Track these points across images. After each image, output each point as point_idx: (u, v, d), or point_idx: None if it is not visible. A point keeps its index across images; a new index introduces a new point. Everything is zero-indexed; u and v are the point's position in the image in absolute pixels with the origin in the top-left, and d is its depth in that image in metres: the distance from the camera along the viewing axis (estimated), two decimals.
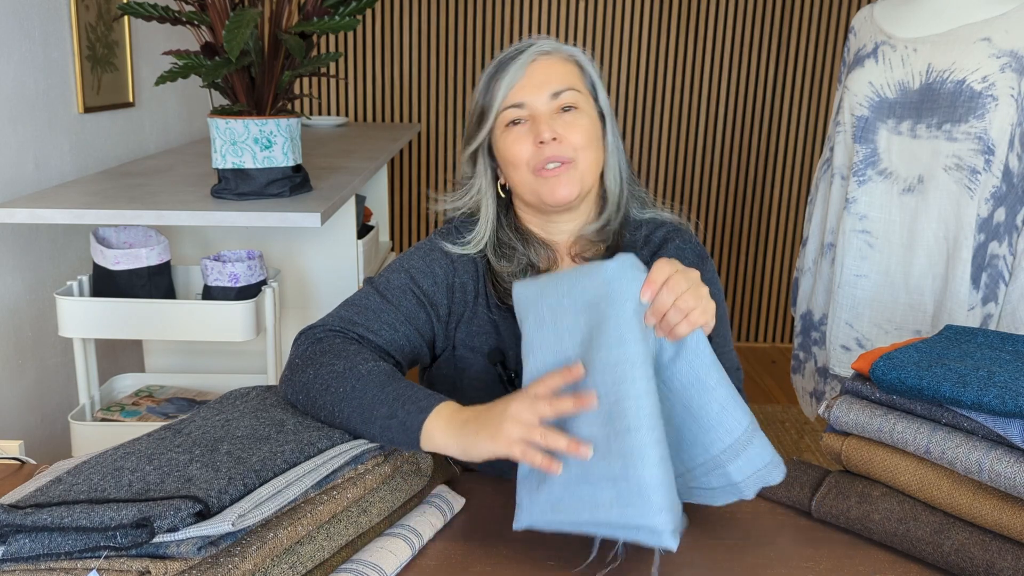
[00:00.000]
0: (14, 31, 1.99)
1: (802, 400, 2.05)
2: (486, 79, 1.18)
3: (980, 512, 0.91)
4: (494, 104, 1.17)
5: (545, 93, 1.15)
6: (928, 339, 1.07)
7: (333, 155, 2.67)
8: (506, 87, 1.15)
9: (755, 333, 4.23)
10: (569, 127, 1.15)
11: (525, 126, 1.16)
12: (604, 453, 0.86)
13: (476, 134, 1.20)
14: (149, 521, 0.74)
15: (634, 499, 0.84)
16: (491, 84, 1.17)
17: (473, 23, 3.86)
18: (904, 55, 1.66)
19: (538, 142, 1.14)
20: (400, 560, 0.92)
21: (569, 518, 0.88)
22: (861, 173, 1.71)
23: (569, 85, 1.16)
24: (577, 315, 0.91)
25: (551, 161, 1.15)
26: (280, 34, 1.83)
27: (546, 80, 1.16)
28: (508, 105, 1.16)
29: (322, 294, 2.24)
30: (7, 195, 1.96)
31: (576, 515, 0.87)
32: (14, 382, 2.02)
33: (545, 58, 1.17)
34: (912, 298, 1.69)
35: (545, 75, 1.16)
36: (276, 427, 0.95)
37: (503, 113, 1.16)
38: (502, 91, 1.15)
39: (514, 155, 1.16)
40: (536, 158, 1.15)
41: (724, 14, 3.84)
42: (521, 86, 1.15)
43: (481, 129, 1.19)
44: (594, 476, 0.86)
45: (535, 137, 1.14)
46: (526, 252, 1.21)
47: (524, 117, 1.16)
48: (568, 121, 1.16)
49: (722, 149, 4.00)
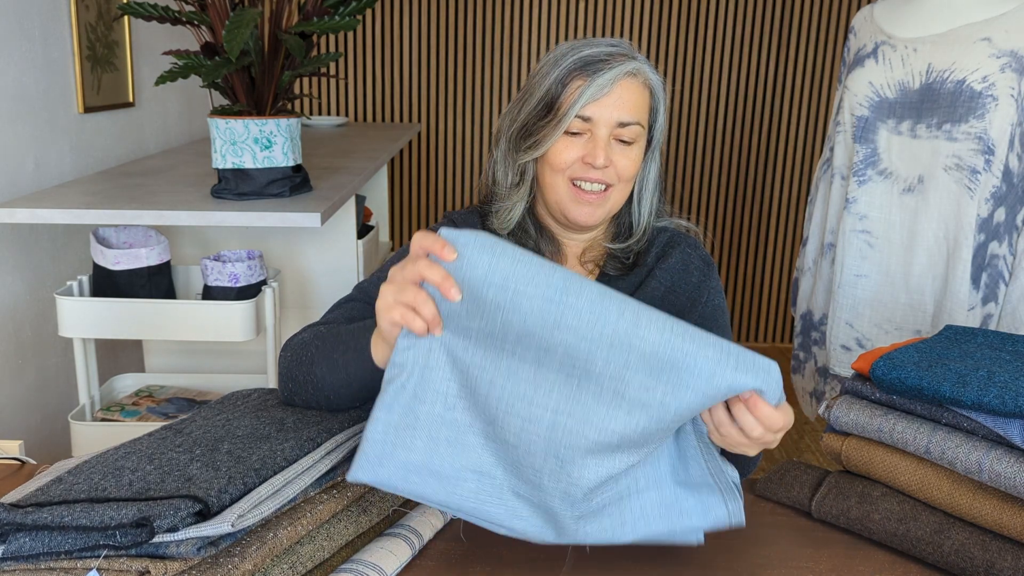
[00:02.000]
0: (14, 31, 1.99)
1: (802, 400, 2.05)
2: (565, 71, 1.13)
3: (980, 512, 0.91)
4: (567, 107, 1.12)
5: (615, 119, 1.12)
6: (928, 339, 1.07)
7: (333, 155, 2.67)
8: (588, 98, 1.11)
9: (755, 333, 4.23)
10: (620, 156, 1.14)
11: (581, 138, 1.13)
12: (481, 449, 0.87)
13: (539, 126, 1.14)
14: (149, 520, 0.74)
15: (495, 500, 0.87)
16: (571, 81, 1.12)
17: (473, 23, 3.86)
18: (904, 55, 1.66)
19: (586, 161, 1.13)
20: (400, 560, 0.92)
21: (418, 490, 0.87)
22: (861, 173, 1.71)
23: (637, 119, 1.14)
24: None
25: (591, 181, 1.14)
26: (280, 34, 1.83)
27: (621, 106, 1.12)
28: (579, 115, 1.12)
29: (322, 294, 2.24)
30: (7, 195, 1.96)
31: (427, 490, 0.87)
32: (14, 382, 2.02)
33: (631, 81, 1.13)
34: (912, 298, 1.69)
35: (622, 100, 1.12)
36: (276, 426, 0.96)
37: (574, 121, 1.13)
38: (582, 100, 1.11)
39: (560, 160, 1.14)
40: (578, 171, 1.14)
41: (724, 14, 3.84)
42: (599, 103, 1.12)
43: (547, 123, 1.14)
44: (464, 463, 0.87)
45: (586, 156, 1.13)
46: (537, 240, 1.21)
47: (584, 131, 1.13)
48: (620, 151, 1.14)
49: (722, 149, 4.00)
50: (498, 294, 0.82)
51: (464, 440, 0.87)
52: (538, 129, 1.15)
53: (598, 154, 1.12)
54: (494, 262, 0.82)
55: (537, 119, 1.15)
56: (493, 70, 3.91)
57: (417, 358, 0.86)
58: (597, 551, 0.96)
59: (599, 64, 1.12)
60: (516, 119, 1.18)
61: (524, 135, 1.16)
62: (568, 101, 1.12)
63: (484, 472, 0.87)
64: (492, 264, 0.82)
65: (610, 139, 1.13)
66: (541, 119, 1.14)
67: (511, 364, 0.84)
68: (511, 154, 1.19)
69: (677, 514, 0.90)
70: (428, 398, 0.87)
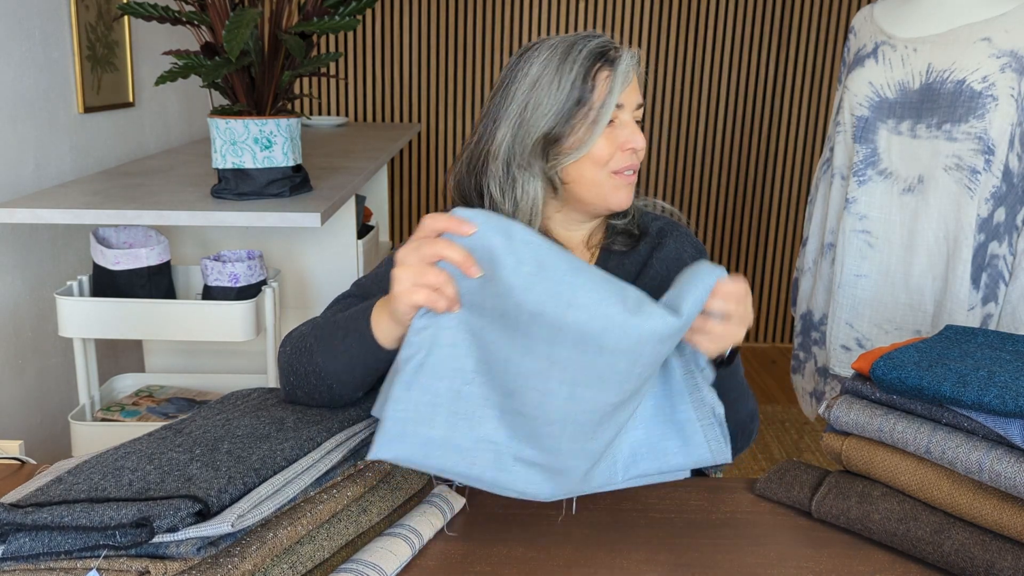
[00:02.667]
0: (14, 31, 1.99)
1: (802, 400, 2.05)
2: (584, 68, 1.10)
3: (980, 512, 0.91)
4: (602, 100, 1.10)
5: (636, 102, 1.15)
6: (928, 339, 1.07)
7: (333, 155, 2.67)
8: (620, 85, 1.11)
9: (755, 333, 4.23)
10: (641, 136, 1.16)
11: (612, 126, 1.13)
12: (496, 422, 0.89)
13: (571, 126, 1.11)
14: (149, 521, 0.74)
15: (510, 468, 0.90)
16: (596, 74, 1.10)
17: (473, 23, 3.86)
18: (904, 55, 1.66)
19: (627, 148, 1.13)
20: (400, 560, 0.92)
21: (438, 464, 0.89)
22: (861, 173, 1.71)
23: (641, 100, 1.17)
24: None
25: (631, 168, 1.15)
26: (280, 34, 1.83)
27: (635, 88, 1.15)
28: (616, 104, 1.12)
29: (322, 294, 2.24)
30: (7, 195, 1.96)
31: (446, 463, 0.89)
32: (14, 382, 2.02)
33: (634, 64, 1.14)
34: (912, 298, 1.69)
35: (635, 83, 1.15)
36: (276, 425, 0.96)
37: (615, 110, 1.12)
38: (616, 89, 1.10)
39: (604, 154, 1.13)
40: (620, 162, 1.14)
41: (724, 14, 3.84)
42: (628, 90, 1.13)
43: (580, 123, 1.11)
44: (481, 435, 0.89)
45: (625, 142, 1.13)
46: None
47: (615, 118, 1.13)
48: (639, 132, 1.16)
49: (722, 149, 4.00)
50: (512, 274, 0.84)
51: (481, 413, 0.89)
52: (570, 131, 1.11)
53: (638, 138, 1.14)
54: (507, 242, 0.84)
55: (566, 121, 1.11)
56: (493, 70, 3.91)
57: (436, 337, 0.88)
58: (596, 554, 0.96)
59: (610, 53, 1.12)
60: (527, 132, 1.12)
61: (552, 141, 1.12)
62: (600, 95, 1.10)
63: (499, 443, 0.89)
64: (506, 244, 0.84)
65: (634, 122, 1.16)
66: (569, 120, 1.11)
67: (526, 342, 0.86)
68: (529, 168, 1.14)
69: (662, 453, 0.95)
70: (447, 375, 0.88)
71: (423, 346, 0.88)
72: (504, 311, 0.86)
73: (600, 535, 1.00)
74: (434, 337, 0.88)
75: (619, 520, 1.03)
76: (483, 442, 0.89)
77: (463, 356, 0.88)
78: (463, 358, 0.88)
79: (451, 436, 0.88)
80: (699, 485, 1.13)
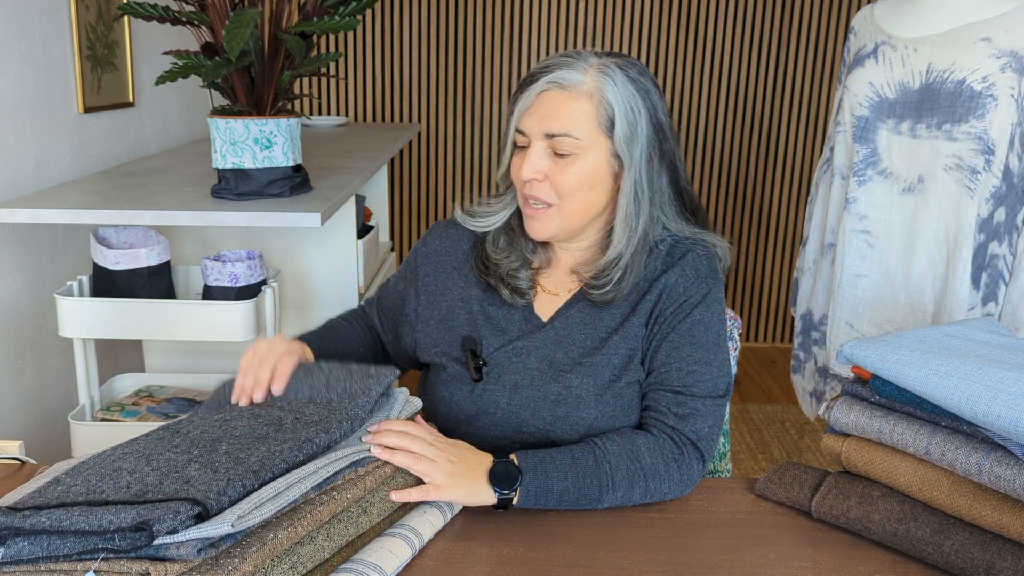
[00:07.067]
0: (14, 31, 1.99)
1: (802, 400, 2.05)
2: (515, 94, 1.16)
3: (980, 513, 0.91)
4: (511, 121, 1.15)
5: (542, 130, 1.11)
6: None
7: (333, 155, 2.67)
8: (518, 111, 1.14)
9: (755, 333, 4.23)
10: (558, 172, 1.12)
11: (524, 153, 1.14)
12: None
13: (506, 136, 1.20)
14: (148, 525, 0.73)
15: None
16: (514, 97, 1.16)
17: (473, 23, 3.86)
18: (904, 55, 1.66)
19: (516, 178, 1.16)
20: (400, 560, 0.92)
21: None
22: (861, 173, 1.71)
23: (567, 131, 1.09)
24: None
25: (532, 199, 1.15)
26: (280, 34, 1.83)
27: (548, 117, 1.10)
28: (516, 129, 1.15)
29: (322, 294, 2.24)
30: (7, 195, 1.96)
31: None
32: (14, 382, 2.02)
33: (557, 91, 1.10)
34: (912, 298, 1.69)
35: (548, 111, 1.10)
36: (274, 426, 0.95)
37: (515, 134, 1.16)
38: (515, 114, 1.14)
39: (514, 176, 1.17)
40: (525, 187, 1.15)
41: (724, 14, 3.84)
42: (528, 114, 1.12)
43: (508, 136, 1.18)
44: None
45: (514, 171, 1.17)
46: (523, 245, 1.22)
47: (526, 144, 1.14)
48: (559, 166, 1.12)
49: (722, 149, 4.00)
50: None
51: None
52: (504, 148, 1.20)
53: (525, 168, 1.12)
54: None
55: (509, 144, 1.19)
56: (493, 70, 3.91)
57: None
58: (596, 554, 0.96)
59: (531, 78, 1.14)
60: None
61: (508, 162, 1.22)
62: (511, 116, 1.15)
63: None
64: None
65: (545, 151, 1.12)
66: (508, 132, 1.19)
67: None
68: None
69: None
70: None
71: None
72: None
73: (600, 535, 1.00)
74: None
75: (619, 520, 1.03)
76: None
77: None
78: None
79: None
80: (699, 485, 1.13)
